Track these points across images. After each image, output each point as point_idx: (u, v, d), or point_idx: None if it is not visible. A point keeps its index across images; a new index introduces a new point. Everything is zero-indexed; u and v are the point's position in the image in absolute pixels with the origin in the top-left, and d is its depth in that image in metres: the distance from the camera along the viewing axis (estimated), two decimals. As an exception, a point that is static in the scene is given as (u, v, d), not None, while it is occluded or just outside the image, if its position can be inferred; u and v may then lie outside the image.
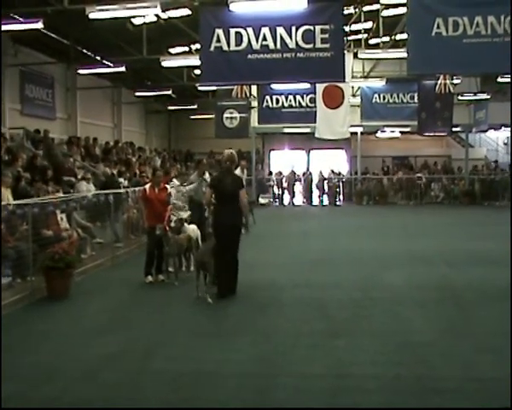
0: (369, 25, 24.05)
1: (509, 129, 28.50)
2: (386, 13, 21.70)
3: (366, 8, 22.52)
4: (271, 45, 11.31)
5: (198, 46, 14.76)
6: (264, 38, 11.32)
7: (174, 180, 12.03)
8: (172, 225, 10.17)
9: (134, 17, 17.88)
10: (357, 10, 22.81)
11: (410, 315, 7.82)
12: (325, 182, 29.14)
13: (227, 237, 8.74)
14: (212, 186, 9.06)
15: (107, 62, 20.16)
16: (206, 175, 12.02)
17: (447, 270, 11.05)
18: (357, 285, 9.67)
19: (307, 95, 25.03)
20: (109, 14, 12.91)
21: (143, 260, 10.33)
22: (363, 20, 22.96)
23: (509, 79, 20.00)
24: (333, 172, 30.04)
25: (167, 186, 10.93)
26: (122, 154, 23.06)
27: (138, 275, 10.26)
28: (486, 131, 29.89)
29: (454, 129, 26.94)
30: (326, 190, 29.16)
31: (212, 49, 11.52)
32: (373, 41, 24.91)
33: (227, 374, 5.69)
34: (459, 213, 23.55)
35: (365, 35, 24.27)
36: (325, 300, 8.66)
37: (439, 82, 23.97)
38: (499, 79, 20.99)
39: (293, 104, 25.52)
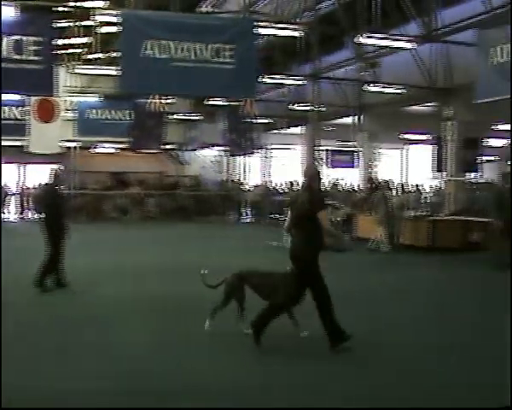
0: (85, 40, 23.99)
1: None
2: (102, 30, 21.93)
3: (84, 23, 22.45)
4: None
5: None
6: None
7: None
8: None
9: None
10: (73, 24, 22.61)
11: (124, 329, 7.90)
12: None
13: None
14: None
15: None
16: None
17: (158, 282, 11.10)
18: (65, 303, 9.43)
19: (18, 107, 24.14)
20: None
21: None
22: (79, 34, 22.85)
23: (214, 102, 21.70)
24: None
25: None
26: None
27: None
28: (197, 149, 31.93)
29: (167, 146, 28.23)
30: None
31: None
32: (91, 56, 24.93)
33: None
34: (173, 228, 24.36)
35: (82, 50, 24.18)
36: (36, 319, 8.34)
37: (151, 101, 24.98)
38: (207, 102, 22.63)
39: (6, 116, 24.31)
